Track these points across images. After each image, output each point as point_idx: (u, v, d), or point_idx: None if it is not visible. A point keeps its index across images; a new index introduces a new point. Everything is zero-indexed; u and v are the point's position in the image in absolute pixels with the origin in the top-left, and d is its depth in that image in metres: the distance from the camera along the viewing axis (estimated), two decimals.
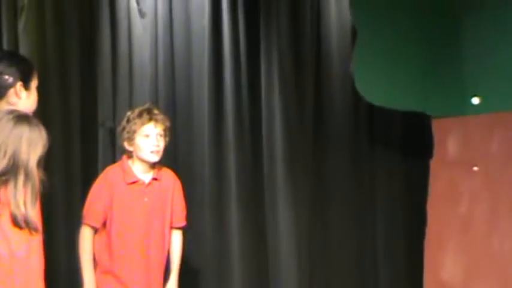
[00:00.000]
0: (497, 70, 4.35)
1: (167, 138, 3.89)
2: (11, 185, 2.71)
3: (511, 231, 4.24)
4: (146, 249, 3.91)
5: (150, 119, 3.95)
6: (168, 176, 3.94)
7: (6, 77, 3.17)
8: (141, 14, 4.81)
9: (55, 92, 4.71)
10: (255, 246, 4.69)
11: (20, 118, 2.76)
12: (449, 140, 4.50)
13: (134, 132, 3.95)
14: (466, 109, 4.46)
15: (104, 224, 3.86)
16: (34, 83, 3.21)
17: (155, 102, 4.62)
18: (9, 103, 3.09)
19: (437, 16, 4.54)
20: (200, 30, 4.74)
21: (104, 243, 3.89)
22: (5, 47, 4.67)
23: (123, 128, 3.98)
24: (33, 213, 2.74)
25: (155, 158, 3.81)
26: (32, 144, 2.76)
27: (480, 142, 4.38)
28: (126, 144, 3.92)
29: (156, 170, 3.84)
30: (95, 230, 3.91)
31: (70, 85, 4.73)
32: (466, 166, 4.40)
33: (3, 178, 2.71)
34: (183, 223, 3.99)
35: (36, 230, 2.74)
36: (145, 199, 3.86)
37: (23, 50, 4.67)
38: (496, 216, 4.23)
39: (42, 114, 3.35)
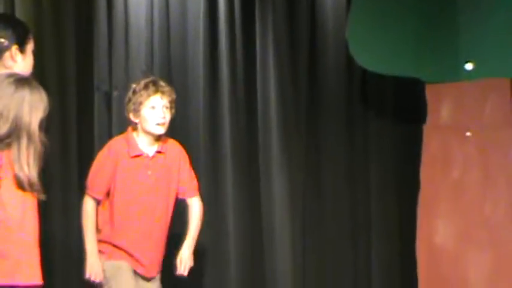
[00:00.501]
0: (491, 36, 4.42)
1: (173, 111, 3.90)
2: (14, 148, 2.77)
3: (503, 196, 4.30)
4: (149, 221, 3.96)
5: (157, 91, 3.96)
6: (173, 148, 3.96)
7: (2, 40, 3.18)
8: None
9: (51, 56, 4.74)
10: (250, 210, 4.77)
11: (21, 81, 2.81)
12: (442, 106, 4.57)
13: (140, 104, 3.95)
14: (459, 75, 4.51)
15: (107, 195, 3.90)
16: (30, 47, 3.22)
17: (150, 66, 4.68)
18: (4, 66, 3.11)
19: None
20: None
21: (107, 215, 3.96)
22: (1, 10, 4.69)
23: (129, 100, 4.00)
24: (36, 175, 2.79)
25: (161, 130, 3.84)
26: (33, 107, 2.80)
27: (473, 108, 4.44)
28: (131, 116, 3.95)
29: (161, 143, 3.86)
30: (98, 201, 3.97)
31: (66, 49, 4.74)
32: (459, 131, 4.46)
33: (7, 141, 2.76)
34: (194, 194, 4.01)
35: (39, 191, 2.80)
36: (149, 172, 3.91)
37: (19, 13, 4.70)
38: (489, 181, 4.29)
39: (38, 78, 3.38)
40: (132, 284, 3.92)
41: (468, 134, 4.39)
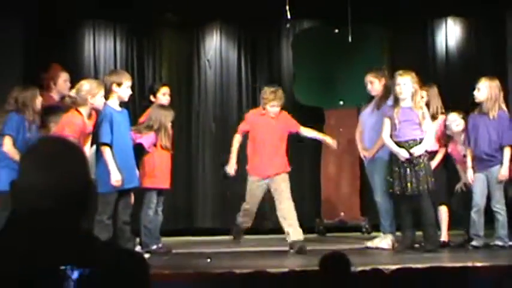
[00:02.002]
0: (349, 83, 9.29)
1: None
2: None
3: (347, 156, 9.09)
4: (274, 149, 7.40)
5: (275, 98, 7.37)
6: (281, 115, 7.45)
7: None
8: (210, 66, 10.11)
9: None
10: None
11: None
12: (331, 117, 9.45)
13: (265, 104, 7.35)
14: (338, 105, 9.68)
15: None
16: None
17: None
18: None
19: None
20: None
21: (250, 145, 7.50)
22: None
23: (262, 96, 7.47)
24: None
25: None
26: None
27: (343, 118, 9.66)
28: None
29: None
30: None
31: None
32: (337, 128, 9.33)
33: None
34: (298, 128, 7.57)
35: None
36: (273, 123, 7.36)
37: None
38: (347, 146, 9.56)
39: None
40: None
41: (341, 129, 9.63)
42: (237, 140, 7.50)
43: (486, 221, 7.29)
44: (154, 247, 7.28)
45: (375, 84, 7.61)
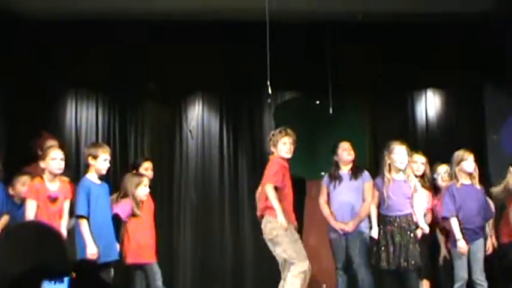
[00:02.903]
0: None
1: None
2: None
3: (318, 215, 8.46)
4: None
5: (286, 134, 6.76)
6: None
7: None
8: (192, 136, 10.03)
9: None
10: None
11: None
12: (313, 185, 9.24)
13: (277, 141, 6.72)
14: (319, 176, 9.63)
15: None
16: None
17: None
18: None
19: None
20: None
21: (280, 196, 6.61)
22: None
23: (270, 139, 6.80)
24: None
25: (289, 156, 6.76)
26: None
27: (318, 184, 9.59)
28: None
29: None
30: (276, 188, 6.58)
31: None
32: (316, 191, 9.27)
33: None
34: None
35: None
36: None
37: None
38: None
39: None
40: None
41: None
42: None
43: None
44: None
45: (352, 152, 7.57)
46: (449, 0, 8.51)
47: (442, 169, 7.49)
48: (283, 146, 6.80)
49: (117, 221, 6.98)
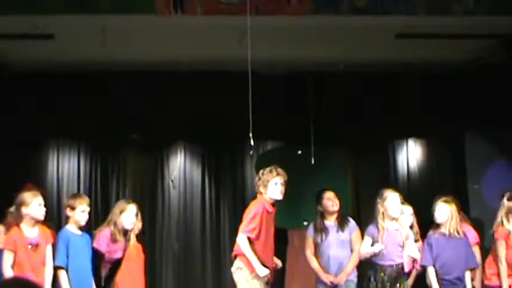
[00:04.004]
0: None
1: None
2: None
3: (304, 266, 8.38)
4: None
5: (278, 174, 6.35)
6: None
7: None
8: (174, 186, 10.09)
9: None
10: None
11: None
12: (294, 236, 9.39)
13: (267, 181, 6.30)
14: (302, 227, 9.25)
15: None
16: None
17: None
18: None
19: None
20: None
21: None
22: None
23: (259, 179, 6.33)
24: None
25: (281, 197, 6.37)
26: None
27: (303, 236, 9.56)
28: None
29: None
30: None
31: None
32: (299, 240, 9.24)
33: None
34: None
35: None
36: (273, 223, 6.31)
37: None
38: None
39: None
40: None
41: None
42: None
43: None
44: None
45: (336, 202, 7.50)
46: (430, 50, 8.59)
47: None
48: (274, 187, 6.39)
49: (96, 256, 6.75)
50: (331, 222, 7.54)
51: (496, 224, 7.21)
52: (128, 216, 6.93)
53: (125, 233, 6.95)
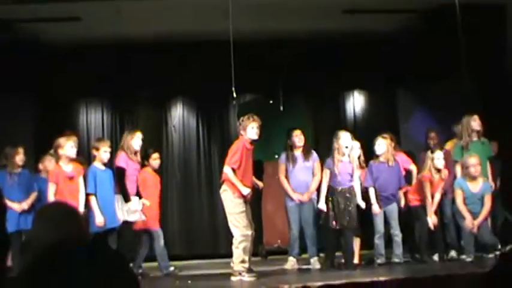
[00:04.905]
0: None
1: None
2: None
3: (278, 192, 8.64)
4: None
5: (254, 120, 6.32)
6: None
7: None
8: (175, 131, 10.33)
9: None
10: None
11: None
12: (268, 165, 9.42)
13: (246, 125, 6.27)
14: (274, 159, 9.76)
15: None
16: None
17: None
18: None
19: None
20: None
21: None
22: None
23: (240, 124, 6.39)
24: None
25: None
26: None
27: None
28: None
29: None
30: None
31: None
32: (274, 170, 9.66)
33: None
34: None
35: None
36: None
37: None
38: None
39: None
40: None
41: (276, 177, 9.55)
42: None
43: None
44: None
45: (302, 138, 7.50)
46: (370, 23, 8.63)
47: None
48: (251, 130, 6.43)
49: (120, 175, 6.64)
50: (298, 153, 7.56)
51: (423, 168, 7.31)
52: (136, 140, 6.79)
53: (135, 153, 6.82)
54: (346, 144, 6.91)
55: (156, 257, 7.28)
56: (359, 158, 7.39)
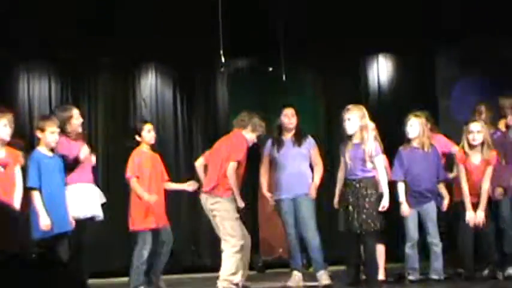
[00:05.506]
0: None
1: None
2: None
3: None
4: None
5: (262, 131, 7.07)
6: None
7: None
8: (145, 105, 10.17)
9: None
10: None
11: None
12: None
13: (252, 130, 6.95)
14: None
15: None
16: None
17: None
18: None
19: None
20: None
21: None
22: None
23: (242, 120, 6.92)
24: None
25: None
26: None
27: None
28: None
29: None
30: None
31: None
32: None
33: None
34: None
35: None
36: None
37: None
38: None
39: None
40: None
41: None
42: None
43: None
44: None
45: (293, 120, 7.43)
46: None
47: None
48: (254, 137, 6.99)
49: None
50: (287, 137, 7.44)
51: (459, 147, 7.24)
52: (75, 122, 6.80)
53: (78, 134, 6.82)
54: (352, 124, 6.68)
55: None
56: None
